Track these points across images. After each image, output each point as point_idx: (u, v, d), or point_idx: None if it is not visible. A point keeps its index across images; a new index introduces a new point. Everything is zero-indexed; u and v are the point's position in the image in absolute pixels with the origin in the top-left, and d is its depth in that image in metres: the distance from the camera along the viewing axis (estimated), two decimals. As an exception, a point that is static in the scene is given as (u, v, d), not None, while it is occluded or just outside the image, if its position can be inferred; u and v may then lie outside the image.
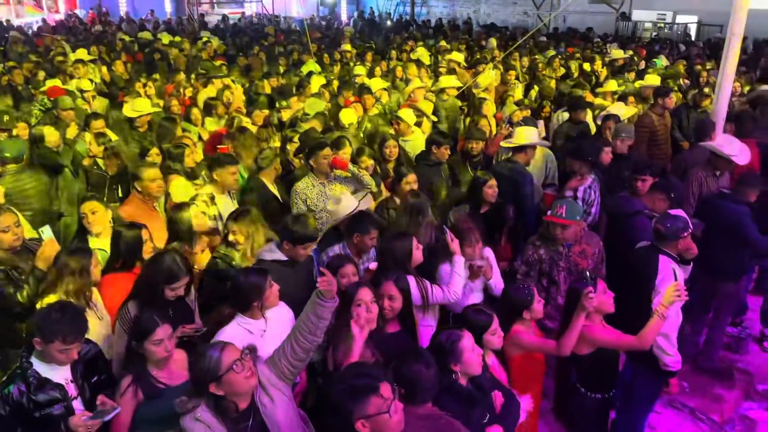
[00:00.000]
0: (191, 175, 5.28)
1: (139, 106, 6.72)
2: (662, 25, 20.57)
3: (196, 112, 7.06)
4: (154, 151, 5.50)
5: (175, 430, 2.65)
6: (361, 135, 6.73)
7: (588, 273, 3.63)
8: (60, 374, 2.89)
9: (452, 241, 3.97)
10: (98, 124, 6.36)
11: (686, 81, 9.83)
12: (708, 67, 10.67)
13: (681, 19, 20.30)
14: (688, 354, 5.42)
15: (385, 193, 5.44)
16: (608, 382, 3.88)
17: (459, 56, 10.90)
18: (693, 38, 18.94)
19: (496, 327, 3.33)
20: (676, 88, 9.19)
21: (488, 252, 4.33)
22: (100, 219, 4.13)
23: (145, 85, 8.67)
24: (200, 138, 6.61)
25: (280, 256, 3.81)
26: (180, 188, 5.03)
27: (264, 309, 3.25)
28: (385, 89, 8.48)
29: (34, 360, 2.87)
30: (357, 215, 4.33)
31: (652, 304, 3.85)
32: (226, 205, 4.84)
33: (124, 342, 3.24)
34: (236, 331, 3.13)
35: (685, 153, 6.85)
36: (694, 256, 4.16)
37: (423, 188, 5.06)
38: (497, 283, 4.27)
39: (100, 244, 4.02)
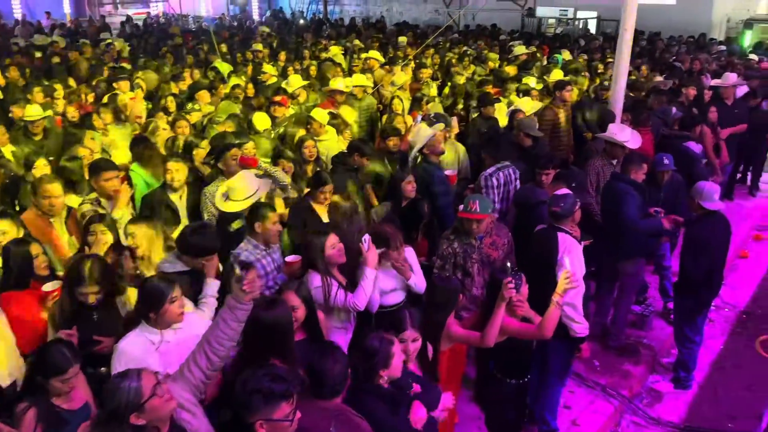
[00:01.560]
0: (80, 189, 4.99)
1: (30, 113, 6.35)
2: (565, 20, 21.47)
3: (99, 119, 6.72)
4: (41, 162, 5.18)
5: None
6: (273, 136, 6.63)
7: (509, 265, 3.69)
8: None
9: (367, 251, 3.85)
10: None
11: (586, 74, 10.29)
12: (608, 60, 11.23)
13: (582, 14, 21.26)
14: (595, 334, 5.73)
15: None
16: (523, 368, 4.05)
17: (378, 54, 10.93)
18: (594, 33, 19.86)
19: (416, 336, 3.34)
20: (586, 81, 9.63)
21: (409, 252, 4.33)
22: (10, 238, 3.87)
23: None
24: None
25: (181, 266, 3.69)
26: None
27: (162, 323, 3.06)
28: (303, 87, 8.38)
29: None
30: (251, 206, 4.32)
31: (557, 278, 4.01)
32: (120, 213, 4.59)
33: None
34: (138, 340, 3.02)
35: (591, 144, 7.19)
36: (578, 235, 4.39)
37: (337, 191, 5.03)
38: (419, 281, 4.25)
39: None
